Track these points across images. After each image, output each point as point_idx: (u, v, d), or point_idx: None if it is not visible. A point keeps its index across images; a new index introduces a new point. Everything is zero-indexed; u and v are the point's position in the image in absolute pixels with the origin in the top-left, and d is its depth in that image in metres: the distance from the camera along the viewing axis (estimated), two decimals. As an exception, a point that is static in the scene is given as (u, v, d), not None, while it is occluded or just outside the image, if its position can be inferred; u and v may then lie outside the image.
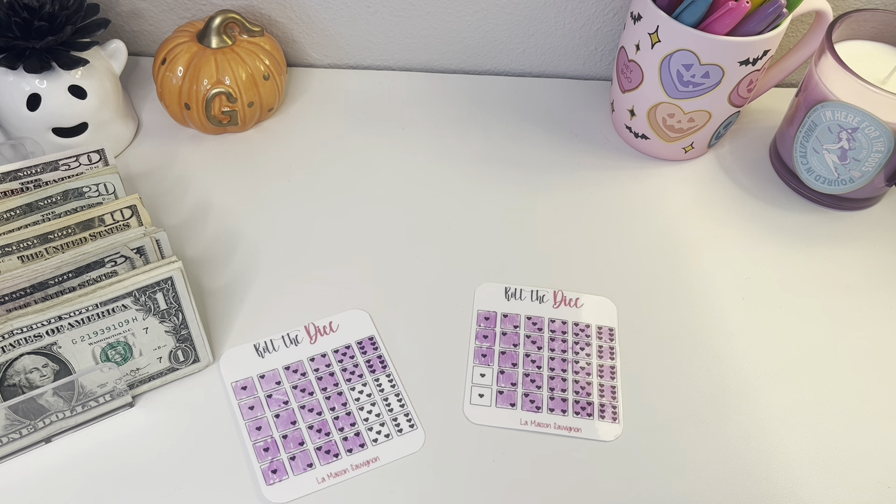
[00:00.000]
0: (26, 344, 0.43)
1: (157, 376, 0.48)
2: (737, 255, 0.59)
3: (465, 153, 0.64)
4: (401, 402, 0.49)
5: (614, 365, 0.52)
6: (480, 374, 0.51)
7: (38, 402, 0.44)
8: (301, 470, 0.46)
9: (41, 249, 0.46)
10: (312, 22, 0.67)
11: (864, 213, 0.63)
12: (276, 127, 0.65)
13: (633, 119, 0.63)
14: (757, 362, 0.52)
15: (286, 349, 0.51)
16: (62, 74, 0.55)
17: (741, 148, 0.67)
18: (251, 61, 0.60)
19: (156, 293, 0.45)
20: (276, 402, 0.48)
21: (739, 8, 0.53)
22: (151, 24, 0.68)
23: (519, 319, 0.53)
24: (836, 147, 0.58)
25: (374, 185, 0.61)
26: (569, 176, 0.63)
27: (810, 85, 0.59)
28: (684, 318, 0.54)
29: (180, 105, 0.60)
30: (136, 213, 0.48)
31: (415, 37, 0.69)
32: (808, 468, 0.48)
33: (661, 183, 0.63)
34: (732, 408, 0.50)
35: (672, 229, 0.60)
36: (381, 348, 0.51)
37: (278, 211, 0.59)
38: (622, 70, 0.62)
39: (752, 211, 0.62)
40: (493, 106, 0.68)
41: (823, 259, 0.59)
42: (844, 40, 0.60)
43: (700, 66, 0.56)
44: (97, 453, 0.46)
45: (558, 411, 0.49)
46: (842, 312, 0.56)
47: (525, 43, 0.69)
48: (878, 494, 0.47)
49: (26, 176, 0.50)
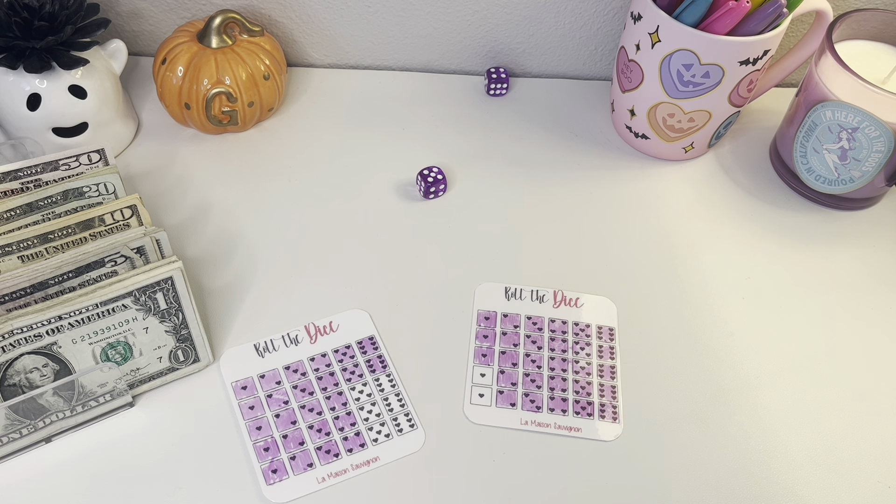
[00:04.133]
0: (26, 344, 0.43)
1: (157, 376, 0.48)
2: (737, 255, 0.59)
3: (465, 153, 0.64)
4: (401, 402, 0.49)
5: (614, 365, 0.52)
6: (480, 374, 0.51)
7: (38, 402, 0.44)
8: (301, 470, 0.46)
9: (41, 249, 0.46)
10: (312, 22, 0.67)
11: (864, 213, 0.63)
12: (276, 127, 0.65)
13: (634, 119, 0.63)
14: (757, 362, 0.52)
15: (286, 349, 0.51)
16: (62, 74, 0.55)
17: (741, 148, 0.67)
18: (251, 61, 0.60)
19: (156, 293, 0.45)
20: (277, 401, 0.48)
21: (740, 8, 0.53)
22: (151, 24, 0.68)
23: (519, 319, 0.53)
24: (836, 147, 0.58)
25: (374, 185, 0.61)
26: (569, 176, 0.63)
27: (810, 85, 0.59)
28: (684, 318, 0.54)
29: (180, 105, 0.60)
30: (136, 212, 0.48)
31: (415, 37, 0.69)
32: (808, 468, 0.48)
33: (661, 183, 0.63)
34: (732, 408, 0.50)
35: (672, 229, 0.60)
36: (381, 348, 0.51)
37: (278, 211, 0.59)
38: (622, 70, 0.62)
39: (752, 211, 0.62)
40: (493, 106, 0.68)
41: (823, 259, 0.59)
42: (844, 40, 0.60)
43: (700, 66, 0.56)
44: (97, 453, 0.46)
45: (558, 411, 0.49)
46: (842, 312, 0.56)
47: (525, 43, 0.69)
48: (878, 494, 0.47)
49: (26, 176, 0.50)
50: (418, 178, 0.60)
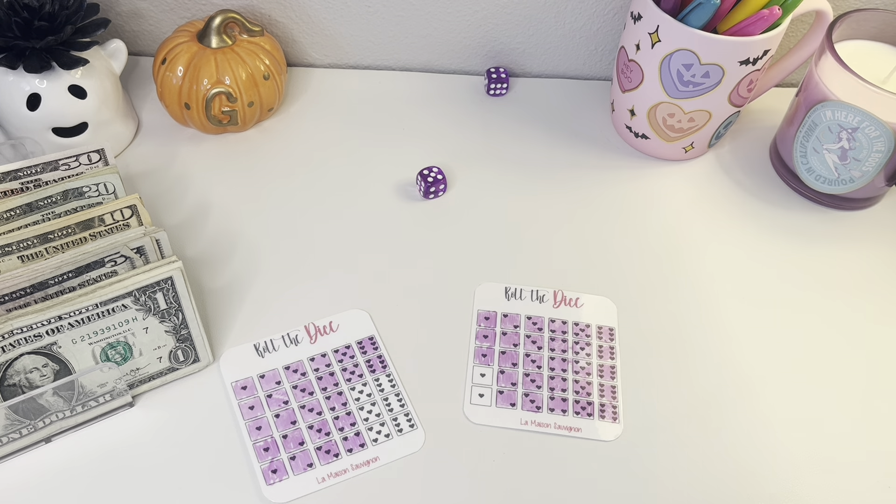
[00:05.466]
0: (26, 344, 0.43)
1: (157, 376, 0.48)
2: (737, 255, 0.59)
3: (465, 153, 0.64)
4: (401, 402, 0.49)
5: (614, 365, 0.52)
6: (480, 374, 0.51)
7: (38, 402, 0.44)
8: (301, 470, 0.46)
9: (41, 249, 0.46)
10: (312, 22, 0.67)
11: (864, 213, 0.63)
12: (276, 127, 0.65)
13: (634, 119, 0.63)
14: (757, 362, 0.52)
15: (286, 349, 0.51)
16: (62, 74, 0.55)
17: (741, 148, 0.67)
18: (251, 61, 0.60)
19: (156, 293, 0.45)
20: (276, 401, 0.48)
21: (771, 15, 0.53)
22: (151, 24, 0.68)
23: (519, 319, 0.53)
24: (836, 147, 0.58)
25: (373, 185, 0.61)
26: (569, 176, 0.63)
27: (810, 85, 0.59)
28: (684, 318, 0.54)
29: (180, 105, 0.60)
30: (136, 212, 0.48)
31: (415, 37, 0.69)
32: (808, 468, 0.48)
33: (661, 183, 0.63)
34: (732, 408, 0.50)
35: (672, 229, 0.60)
36: (381, 348, 0.51)
37: (278, 211, 0.59)
38: (622, 70, 0.62)
39: (752, 211, 0.62)
40: (493, 106, 0.68)
41: (823, 259, 0.59)
42: (844, 40, 0.60)
43: (700, 66, 0.56)
44: (97, 453, 0.46)
45: (558, 411, 0.49)
46: (842, 312, 0.56)
47: (525, 43, 0.69)
48: (878, 494, 0.47)
49: (26, 176, 0.50)
50: (418, 178, 0.60)
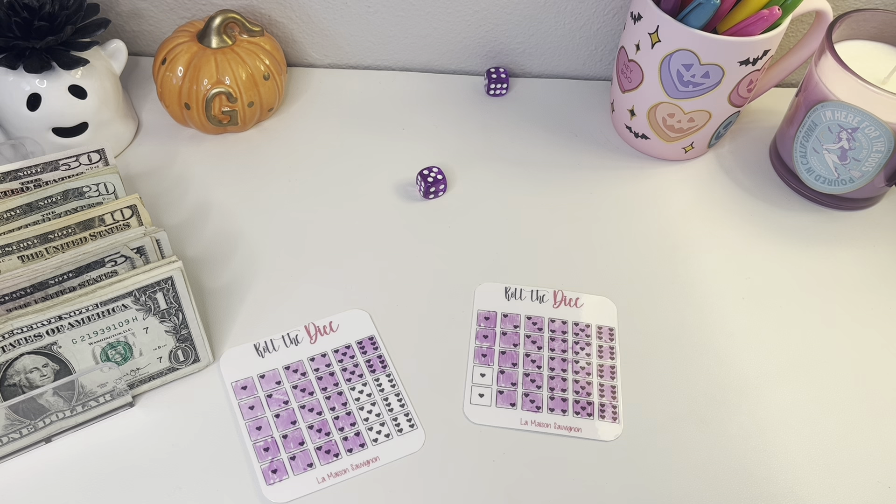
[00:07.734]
0: (26, 344, 0.43)
1: (157, 376, 0.48)
2: (737, 255, 0.59)
3: (465, 153, 0.64)
4: (401, 402, 0.49)
5: (614, 365, 0.52)
6: (480, 374, 0.51)
7: (38, 402, 0.44)
8: (301, 470, 0.46)
9: (41, 249, 0.46)
10: (312, 22, 0.67)
11: (864, 213, 0.63)
12: (276, 127, 0.65)
13: (633, 119, 0.63)
14: (757, 362, 0.52)
15: (286, 349, 0.51)
16: (62, 74, 0.55)
17: (741, 148, 0.67)
18: (251, 61, 0.60)
19: (156, 293, 0.45)
20: (277, 401, 0.48)
21: (771, 16, 0.53)
22: (151, 24, 0.68)
23: (519, 319, 0.53)
24: (836, 147, 0.58)
25: (373, 185, 0.61)
26: (569, 176, 0.63)
27: (810, 85, 0.59)
28: (684, 317, 0.54)
29: (180, 105, 0.60)
30: (136, 212, 0.48)
31: (415, 37, 0.69)
32: (808, 468, 0.48)
33: (661, 183, 0.63)
34: (732, 408, 0.50)
35: (672, 229, 0.60)
36: (381, 348, 0.51)
37: (278, 211, 0.59)
38: (622, 70, 0.62)
39: (752, 211, 0.62)
40: (493, 106, 0.68)
41: (823, 259, 0.59)
42: (844, 40, 0.60)
43: (700, 66, 0.56)
44: (97, 453, 0.46)
45: (558, 411, 0.49)
46: (842, 312, 0.56)
47: (525, 43, 0.69)
48: (878, 494, 0.47)
49: (26, 176, 0.50)
50: (418, 178, 0.60)
